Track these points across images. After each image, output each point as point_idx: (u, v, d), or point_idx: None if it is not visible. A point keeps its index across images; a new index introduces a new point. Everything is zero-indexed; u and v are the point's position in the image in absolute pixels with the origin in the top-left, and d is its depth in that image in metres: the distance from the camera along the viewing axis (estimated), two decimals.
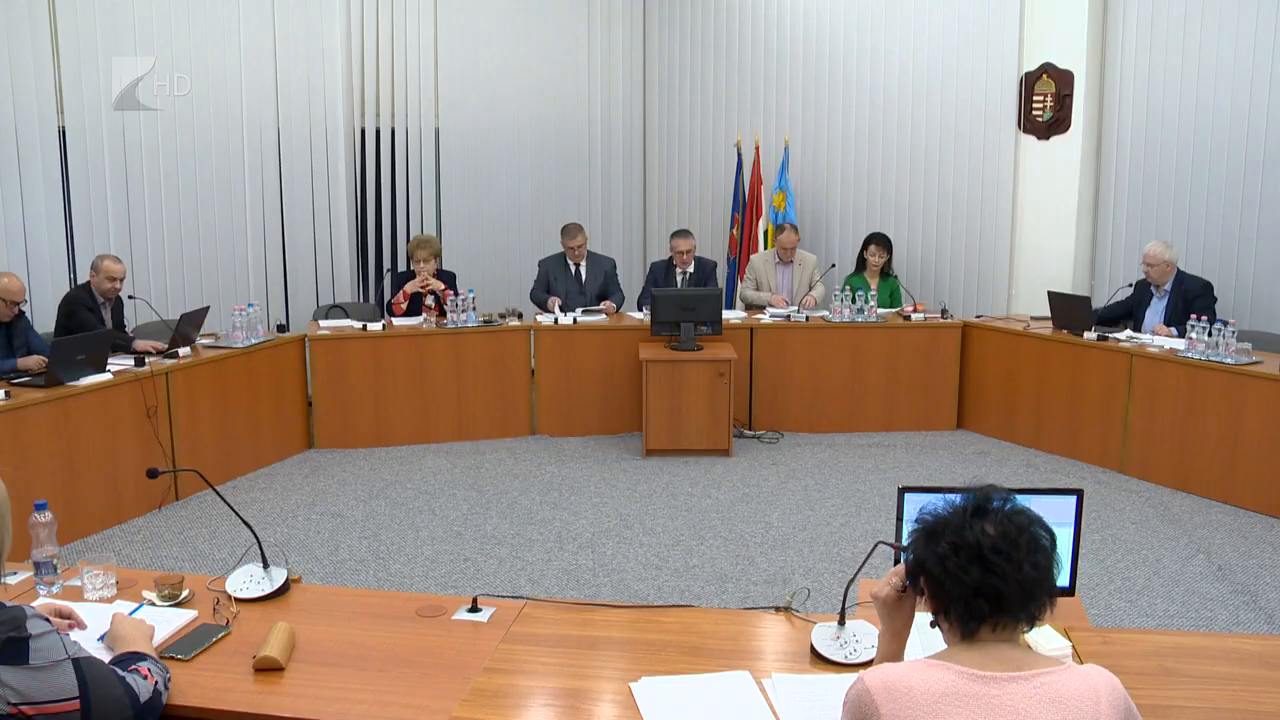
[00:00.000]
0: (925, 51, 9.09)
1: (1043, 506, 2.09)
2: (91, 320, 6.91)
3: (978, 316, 8.47)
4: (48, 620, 2.20)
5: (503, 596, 3.11)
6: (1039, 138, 8.66)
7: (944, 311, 8.37)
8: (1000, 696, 1.85)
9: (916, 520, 2.08)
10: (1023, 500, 2.05)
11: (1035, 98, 8.60)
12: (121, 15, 8.25)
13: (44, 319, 7.40)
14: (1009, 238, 8.93)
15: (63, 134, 8.13)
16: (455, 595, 3.70)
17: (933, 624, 2.06)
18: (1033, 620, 1.97)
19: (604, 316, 8.35)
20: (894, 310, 8.52)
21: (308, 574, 5.33)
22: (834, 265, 9.32)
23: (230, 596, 3.03)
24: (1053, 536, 2.01)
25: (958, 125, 9.04)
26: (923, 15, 9.06)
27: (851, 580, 2.84)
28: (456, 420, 8.05)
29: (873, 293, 8.40)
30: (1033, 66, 8.59)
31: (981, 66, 8.84)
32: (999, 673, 1.88)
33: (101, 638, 2.71)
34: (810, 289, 8.66)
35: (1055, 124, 8.53)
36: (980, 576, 1.92)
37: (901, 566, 2.21)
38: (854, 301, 8.19)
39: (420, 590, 5.30)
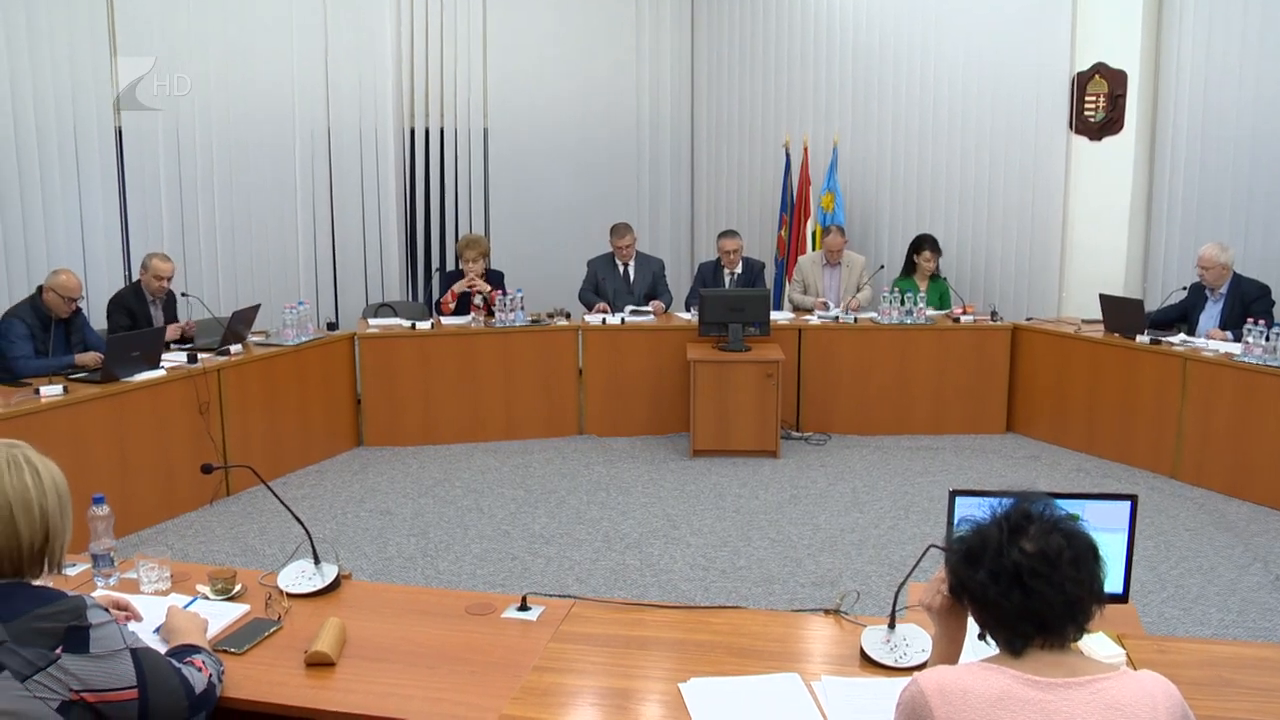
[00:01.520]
0: (976, 51, 9.02)
1: (1096, 512, 2.06)
2: (126, 323, 6.97)
3: (1028, 319, 8.39)
4: (107, 611, 2.23)
5: (552, 595, 3.12)
6: (1091, 138, 8.57)
7: (993, 314, 8.29)
8: (1055, 703, 1.82)
9: (956, 535, 2.05)
10: (1075, 506, 2.01)
11: (1087, 98, 8.52)
12: (177, 17, 8.34)
13: (101, 316, 7.49)
14: (1060, 239, 8.85)
15: (119, 134, 8.23)
16: (503, 594, 3.71)
17: (981, 636, 2.03)
18: (1081, 630, 1.95)
19: (652, 317, 8.35)
20: (943, 312, 8.46)
21: (356, 570, 5.37)
22: (882, 267, 9.27)
23: (282, 591, 3.06)
24: (1095, 546, 1.96)
25: (1008, 126, 8.97)
26: (974, 14, 9.00)
27: (902, 584, 2.83)
28: (504, 419, 8.07)
29: (921, 295, 8.34)
30: (1085, 66, 8.51)
31: (1033, 66, 8.77)
32: (1055, 678, 1.86)
33: (157, 630, 2.74)
34: (858, 291, 8.61)
35: (1108, 124, 8.44)
36: (1022, 601, 1.89)
37: (946, 572, 2.18)
38: (903, 304, 8.14)
39: (468, 588, 5.32)
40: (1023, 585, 1.89)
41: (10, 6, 7.49)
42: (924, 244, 8.62)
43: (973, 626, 2.09)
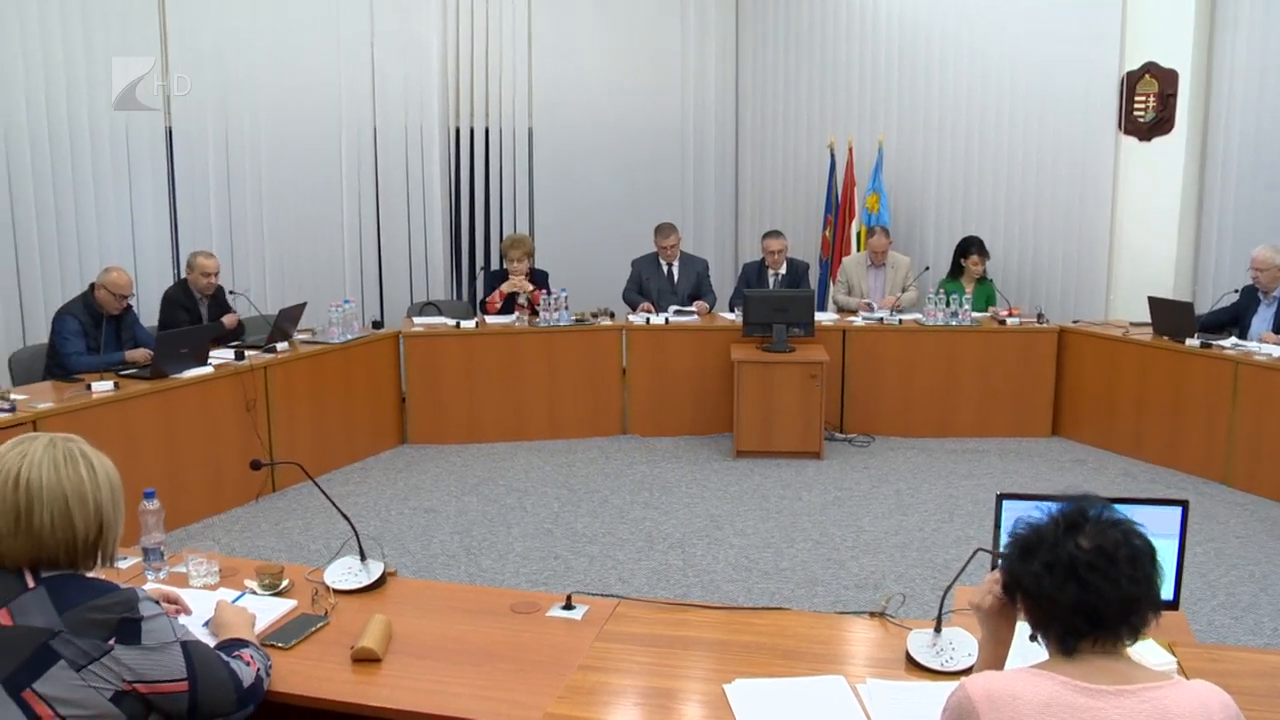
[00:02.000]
0: (1024, 51, 8.94)
1: (1146, 517, 2.02)
2: (182, 318, 7.06)
3: (1074, 322, 8.30)
4: (158, 603, 2.25)
5: (597, 595, 3.12)
6: (1140, 139, 8.49)
7: (1040, 316, 8.21)
8: (1106, 710, 1.79)
9: (1011, 533, 2.02)
10: (1125, 511, 1.98)
11: (1137, 98, 8.43)
12: (227, 18, 8.42)
13: (150, 313, 7.58)
14: (1108, 241, 8.76)
15: (169, 134, 8.32)
16: (547, 592, 3.71)
17: (1032, 638, 2.00)
18: (1136, 633, 1.90)
19: (696, 317, 8.34)
20: (988, 314, 8.39)
21: (400, 567, 5.37)
22: (927, 268, 9.20)
23: (329, 587, 3.08)
24: (1152, 548, 1.93)
25: (1056, 126, 8.89)
26: (1022, 14, 8.93)
27: (949, 587, 2.81)
28: (548, 418, 8.09)
29: (967, 296, 8.28)
30: (1135, 66, 8.43)
31: (1081, 66, 8.69)
32: (1105, 685, 1.82)
33: (206, 623, 2.77)
34: (903, 292, 8.56)
35: (1158, 125, 8.36)
36: (1077, 594, 1.86)
37: (999, 573, 2.15)
38: (948, 305, 8.08)
39: (511, 586, 5.35)
40: (1078, 578, 1.86)
41: (67, 8, 7.59)
42: (971, 247, 8.54)
43: (1023, 629, 2.06)
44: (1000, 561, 2.09)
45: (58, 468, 2.16)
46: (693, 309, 8.43)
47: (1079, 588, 1.86)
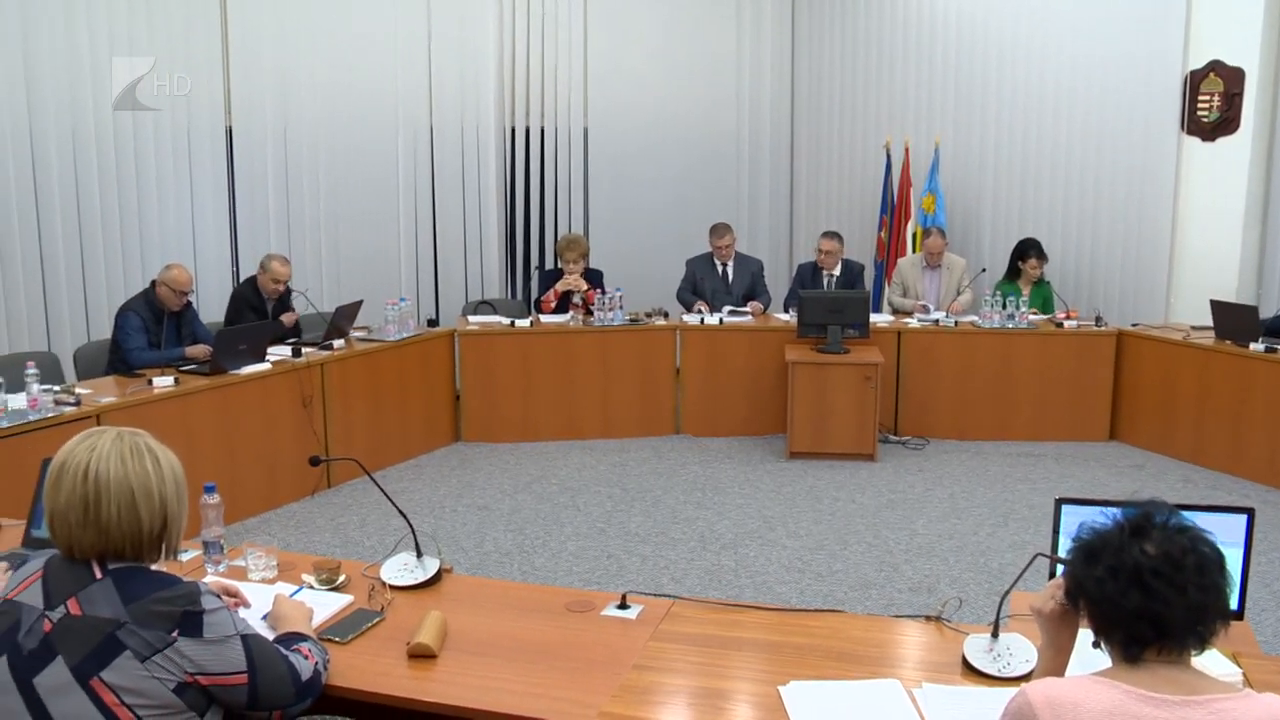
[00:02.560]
0: (1084, 50, 8.82)
1: (1210, 525, 1.97)
2: (249, 317, 7.15)
3: (1134, 325, 8.18)
4: (219, 597, 2.28)
5: (651, 594, 3.12)
6: (1204, 139, 8.35)
7: (1098, 319, 8.12)
8: None
9: (1074, 537, 1.99)
10: (1189, 518, 1.94)
11: (1201, 97, 8.29)
12: (287, 19, 8.50)
13: (208, 310, 7.68)
14: (1169, 243, 8.62)
15: (229, 133, 8.42)
16: (600, 591, 3.72)
17: (1095, 644, 1.96)
18: (1203, 643, 1.86)
19: (750, 317, 8.32)
20: (1046, 317, 8.30)
21: (454, 564, 5.38)
22: (984, 270, 9.09)
23: (385, 583, 3.10)
24: (1221, 556, 1.88)
25: (1116, 126, 8.75)
26: (1082, 12, 8.81)
27: (1007, 592, 2.78)
28: (601, 417, 8.11)
29: (1024, 298, 8.19)
30: (1199, 64, 8.28)
31: (1143, 65, 8.55)
32: (1170, 695, 1.78)
33: (265, 617, 2.80)
34: (959, 293, 8.49)
35: (1222, 125, 8.22)
36: (1141, 601, 1.82)
37: (1062, 579, 2.12)
38: (1004, 307, 8.00)
39: (564, 585, 5.35)
40: (1142, 584, 1.82)
41: (133, 11, 7.70)
42: (1030, 249, 8.44)
43: (1085, 635, 2.03)
44: (1063, 566, 2.05)
45: (124, 461, 2.19)
46: (747, 310, 8.41)
47: (1143, 594, 1.82)
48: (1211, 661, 2.59)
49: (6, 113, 7.21)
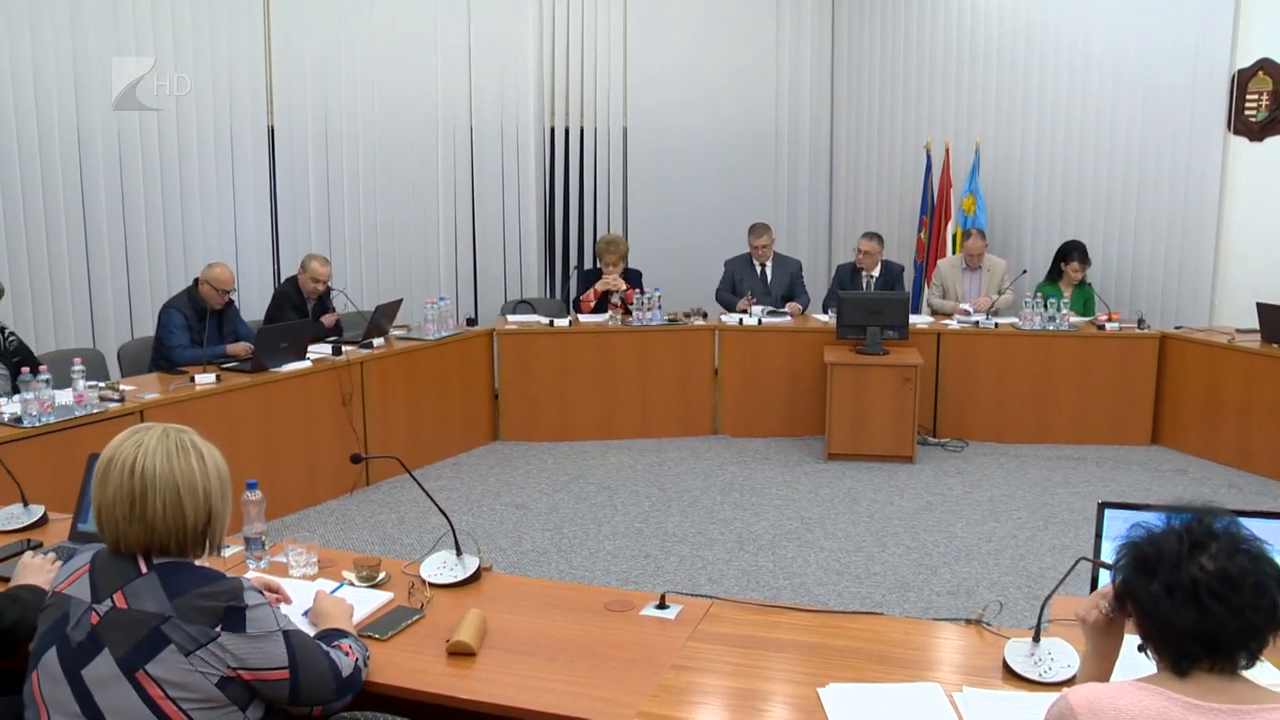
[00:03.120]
0: (1128, 49, 8.74)
1: (1261, 531, 1.94)
2: (290, 315, 7.20)
3: (1177, 327, 8.09)
4: (261, 593, 2.30)
5: (689, 595, 3.11)
6: (1251, 139, 8.26)
7: (1140, 321, 8.02)
8: None
9: (1128, 539, 1.93)
10: (1246, 526, 1.90)
11: (1249, 96, 8.20)
12: (327, 20, 8.56)
13: (249, 308, 7.74)
14: (1214, 245, 8.53)
15: (271, 133, 8.48)
16: (637, 590, 3.73)
17: (1141, 648, 1.93)
18: (1254, 658, 1.82)
19: (789, 318, 8.30)
20: (1087, 319, 8.23)
21: (491, 563, 5.42)
22: (1025, 271, 9.03)
23: (425, 581, 3.11)
24: (1278, 572, 1.82)
25: (1161, 125, 8.66)
26: (1126, 10, 8.72)
27: (1049, 596, 2.75)
28: (640, 417, 8.11)
29: (1065, 300, 8.13)
30: (1247, 63, 8.19)
31: (1188, 64, 8.45)
32: (1218, 704, 1.75)
33: (306, 613, 2.82)
34: (999, 295, 8.43)
35: (1271, 124, 8.12)
36: (1196, 619, 1.77)
37: (1109, 587, 2.09)
38: (1045, 309, 7.94)
39: (601, 584, 5.36)
40: (1199, 603, 1.77)
41: (177, 10, 7.78)
42: (1073, 252, 8.36)
43: (1130, 639, 2.01)
44: (1113, 571, 2.00)
45: (170, 458, 2.22)
46: (785, 310, 8.39)
47: (1199, 613, 1.78)
48: (1259, 670, 2.55)
49: (53, 114, 7.30)
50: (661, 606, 3.00)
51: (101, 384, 5.72)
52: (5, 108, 7.09)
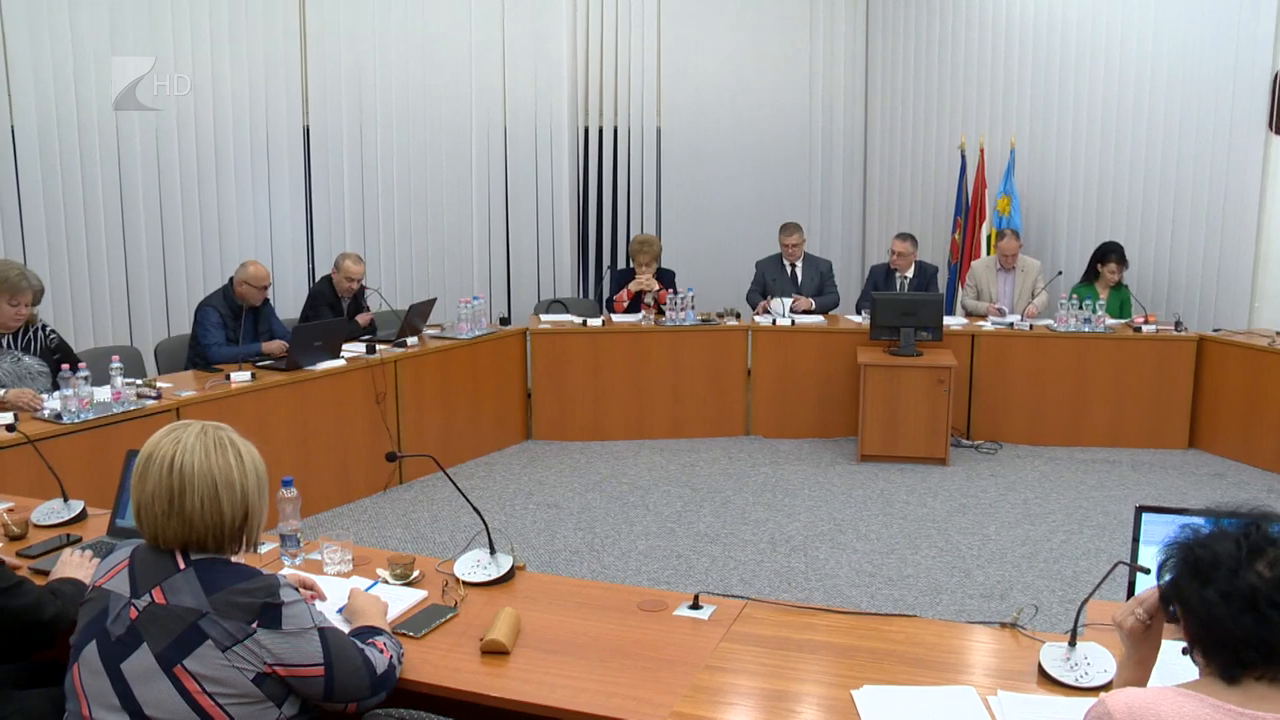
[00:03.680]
0: (1166, 48, 8.65)
1: None
2: (325, 314, 7.24)
3: (1215, 330, 8.01)
4: (296, 590, 2.32)
5: (723, 595, 3.11)
6: None
7: (1178, 324, 7.95)
8: None
9: (1177, 541, 1.89)
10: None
11: None
12: (362, 21, 8.61)
13: (284, 307, 7.79)
14: (1253, 247, 8.43)
15: (307, 133, 8.53)
16: (669, 590, 3.73)
17: (1185, 651, 1.88)
18: None
19: (822, 319, 8.27)
20: (1123, 321, 8.16)
21: (524, 562, 5.45)
22: (1060, 273, 8.97)
23: (459, 579, 3.12)
24: None
25: (1200, 126, 8.56)
26: (1164, 9, 8.64)
27: (1085, 600, 2.73)
28: (672, 417, 8.11)
29: (1101, 302, 8.06)
30: None
31: (1228, 63, 8.35)
32: (1265, 713, 1.71)
33: (340, 610, 2.83)
34: (1034, 296, 8.37)
35: None
36: (1252, 628, 1.73)
37: (1148, 594, 2.05)
38: (1081, 310, 7.88)
39: (633, 584, 5.36)
40: (1257, 611, 1.73)
41: (215, 10, 7.84)
42: (1110, 255, 8.28)
43: (1169, 643, 1.98)
44: (1158, 573, 1.95)
45: (208, 454, 2.24)
46: (814, 309, 8.37)
47: (1256, 622, 1.73)
48: None
49: (92, 115, 7.38)
50: (695, 607, 2.99)
51: (139, 381, 5.77)
52: (46, 109, 7.19)
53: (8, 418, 4.85)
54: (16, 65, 7.02)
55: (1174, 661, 1.98)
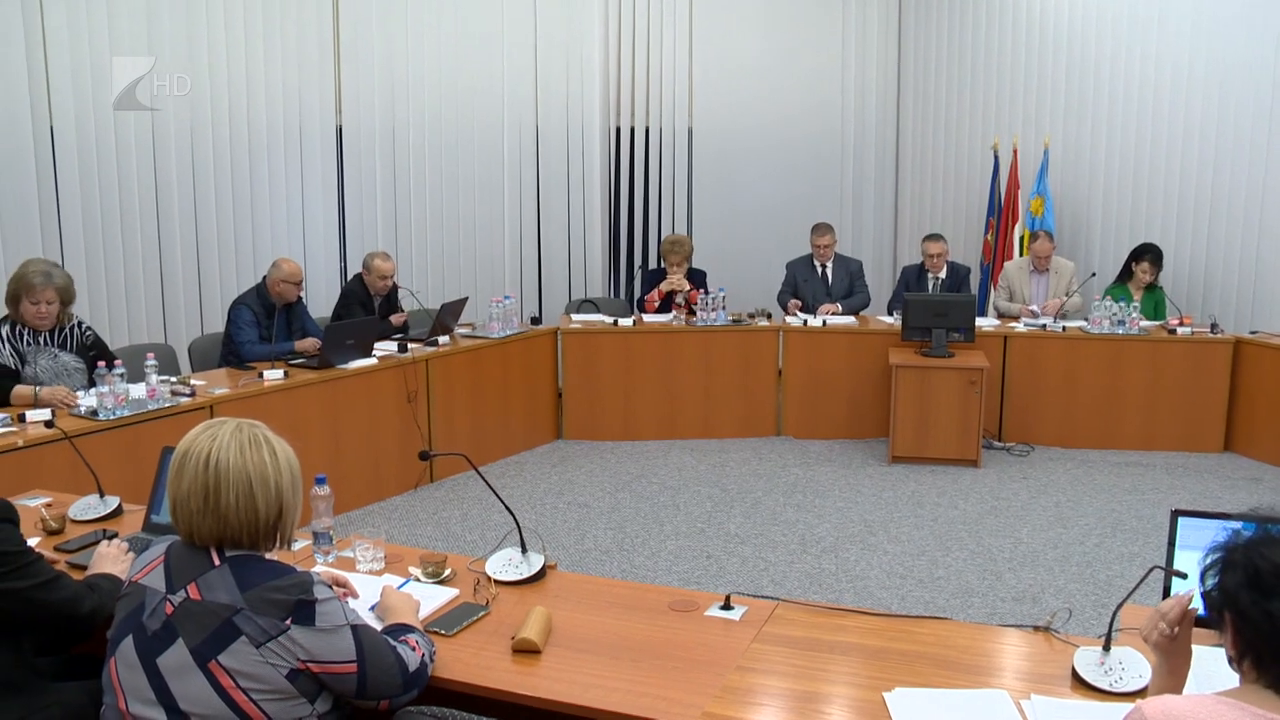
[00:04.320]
0: (1201, 48, 8.56)
1: None
2: (357, 313, 7.27)
3: (1252, 333, 7.93)
4: (330, 587, 2.33)
5: (755, 596, 3.10)
6: None
7: (1213, 326, 7.87)
8: None
9: (1226, 547, 1.84)
10: None
11: None
12: (395, 21, 8.64)
13: (316, 306, 7.83)
14: None
15: (339, 133, 8.58)
16: (699, 590, 3.73)
17: (1233, 661, 1.83)
18: None
19: (853, 320, 8.25)
20: (1158, 323, 8.09)
21: (555, 561, 5.46)
22: (1094, 274, 8.90)
23: (490, 578, 3.13)
24: None
25: (1236, 126, 8.46)
26: (1201, 4, 8.54)
27: (1120, 605, 2.71)
28: (703, 418, 8.10)
29: (1135, 304, 7.99)
30: None
31: (1267, 62, 8.23)
32: None
33: (373, 608, 2.84)
34: (1067, 297, 8.31)
35: None
36: None
37: (1169, 605, 2.04)
38: (1115, 312, 7.81)
39: (663, 584, 5.35)
40: None
41: (249, 9, 7.89)
42: (1145, 255, 8.20)
43: (1201, 650, 1.94)
44: (1204, 578, 1.89)
45: (243, 451, 2.26)
46: (844, 310, 8.36)
47: None
48: None
49: (128, 114, 7.44)
50: (727, 607, 2.99)
51: (173, 379, 5.81)
52: (84, 108, 7.25)
53: (45, 414, 4.91)
54: (56, 66, 7.08)
55: (1207, 668, 1.95)
